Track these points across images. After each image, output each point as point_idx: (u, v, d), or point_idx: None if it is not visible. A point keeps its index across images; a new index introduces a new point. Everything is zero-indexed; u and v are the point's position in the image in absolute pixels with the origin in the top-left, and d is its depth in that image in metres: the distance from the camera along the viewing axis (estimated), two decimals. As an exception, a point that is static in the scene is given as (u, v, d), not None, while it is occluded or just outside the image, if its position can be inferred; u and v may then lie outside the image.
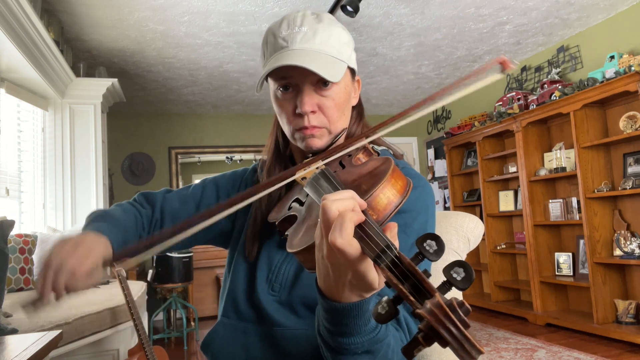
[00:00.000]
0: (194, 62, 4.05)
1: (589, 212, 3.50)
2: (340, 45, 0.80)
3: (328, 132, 0.81)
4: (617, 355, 3.02)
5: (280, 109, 0.82)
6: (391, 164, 0.65)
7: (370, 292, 0.55)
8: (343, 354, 0.60)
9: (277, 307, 0.81)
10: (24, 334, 1.30)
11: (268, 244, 0.87)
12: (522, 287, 4.32)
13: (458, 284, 0.43)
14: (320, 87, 0.78)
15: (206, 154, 5.69)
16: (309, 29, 0.77)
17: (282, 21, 0.79)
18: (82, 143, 3.60)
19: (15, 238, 2.81)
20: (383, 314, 0.45)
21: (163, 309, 4.14)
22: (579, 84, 3.55)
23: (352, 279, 0.53)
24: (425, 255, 0.47)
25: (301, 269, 0.82)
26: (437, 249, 0.46)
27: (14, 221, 1.84)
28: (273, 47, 0.79)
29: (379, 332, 0.61)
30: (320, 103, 0.79)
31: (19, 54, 2.66)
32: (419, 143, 6.51)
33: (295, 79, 0.77)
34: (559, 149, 3.96)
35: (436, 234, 0.47)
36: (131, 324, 2.24)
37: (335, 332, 0.59)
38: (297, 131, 0.80)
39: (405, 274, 0.46)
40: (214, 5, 3.06)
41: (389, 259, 0.47)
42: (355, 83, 0.88)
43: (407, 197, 0.64)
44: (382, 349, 0.62)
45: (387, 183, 0.62)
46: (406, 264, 0.46)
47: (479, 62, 4.53)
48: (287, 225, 0.74)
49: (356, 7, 2.97)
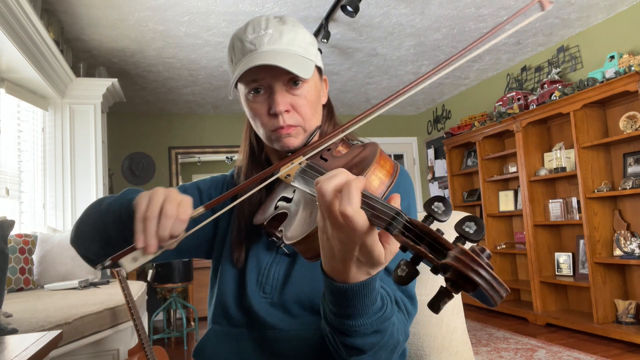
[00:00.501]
0: (194, 62, 4.05)
1: (589, 212, 3.50)
2: (306, 45, 0.82)
3: (303, 130, 0.82)
4: (617, 355, 3.02)
5: (253, 113, 0.82)
6: (377, 147, 0.68)
7: (377, 268, 0.56)
8: (353, 336, 0.61)
9: (270, 310, 0.81)
10: (24, 334, 1.30)
11: (255, 247, 0.87)
12: (522, 287, 4.32)
13: (471, 237, 0.44)
14: (291, 86, 0.80)
15: (206, 154, 5.69)
16: (274, 31, 0.79)
17: (247, 26, 0.81)
18: (82, 143, 3.60)
19: (15, 238, 2.81)
20: (403, 275, 0.46)
21: (163, 309, 4.14)
22: (579, 84, 3.55)
23: (359, 254, 0.53)
24: (434, 216, 0.48)
25: (291, 269, 0.82)
26: (445, 209, 0.48)
27: (14, 221, 1.84)
28: (241, 51, 0.80)
29: (385, 310, 0.62)
30: (293, 102, 0.80)
31: (19, 54, 2.66)
32: (419, 143, 6.51)
33: (267, 80, 0.79)
34: (559, 149, 3.96)
35: (443, 196, 0.49)
36: (131, 324, 2.24)
37: (344, 314, 0.60)
38: (272, 132, 0.81)
39: (420, 235, 0.47)
40: (214, 5, 3.07)
41: (401, 225, 0.49)
42: (322, 82, 0.90)
43: (396, 178, 0.66)
44: (389, 327, 0.64)
45: (377, 164, 0.65)
46: (420, 226, 0.47)
47: (479, 62, 4.53)
48: (276, 225, 0.74)
49: (356, 7, 2.97)
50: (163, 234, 0.64)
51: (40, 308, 2.04)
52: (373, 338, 0.62)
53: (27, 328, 1.72)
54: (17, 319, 1.78)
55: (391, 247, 0.54)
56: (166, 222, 0.64)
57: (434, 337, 1.00)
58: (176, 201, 0.67)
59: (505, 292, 0.40)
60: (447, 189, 5.69)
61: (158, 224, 0.64)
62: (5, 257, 1.65)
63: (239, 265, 0.86)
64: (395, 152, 6.55)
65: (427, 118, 6.30)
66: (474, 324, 4.10)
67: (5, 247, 1.65)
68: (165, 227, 0.64)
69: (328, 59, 4.20)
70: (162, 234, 0.64)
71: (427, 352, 1.00)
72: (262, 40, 0.78)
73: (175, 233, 0.65)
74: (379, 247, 0.52)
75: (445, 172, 5.67)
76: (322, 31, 3.43)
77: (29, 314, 1.90)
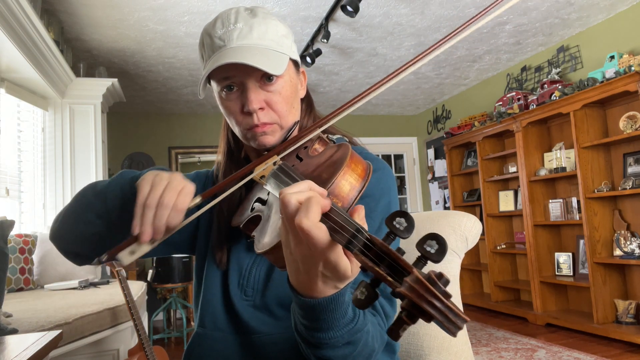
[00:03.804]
0: (194, 62, 4.05)
1: (589, 212, 3.50)
2: (278, 38, 0.78)
3: (280, 127, 0.79)
4: (617, 355, 3.02)
5: (227, 111, 0.79)
6: (348, 149, 0.65)
7: (345, 282, 0.53)
8: (323, 348, 0.59)
9: (253, 312, 0.79)
10: (24, 334, 1.30)
11: (236, 248, 0.84)
12: (522, 287, 4.32)
13: (433, 257, 0.42)
14: (264, 82, 0.76)
15: (206, 154, 5.69)
16: (244, 25, 0.75)
17: (216, 21, 0.77)
18: (82, 143, 3.60)
19: (15, 238, 2.81)
20: (363, 299, 0.44)
21: (163, 309, 4.14)
22: (579, 84, 3.55)
23: (324, 269, 0.51)
24: (396, 233, 0.45)
25: (272, 269, 0.80)
26: (407, 225, 0.45)
27: (14, 221, 1.84)
28: (210, 48, 0.77)
29: (357, 321, 0.60)
30: (267, 99, 0.77)
31: (19, 54, 2.66)
32: (419, 143, 6.50)
33: (239, 77, 0.75)
34: (559, 149, 3.96)
35: (405, 211, 0.46)
36: (131, 324, 2.25)
37: (313, 328, 0.57)
38: (248, 130, 0.78)
39: (380, 255, 0.45)
40: (214, 5, 3.07)
41: (360, 243, 0.46)
42: (300, 75, 0.86)
43: (368, 181, 0.63)
44: (362, 337, 0.61)
45: (347, 168, 0.62)
46: (379, 245, 0.45)
47: (479, 62, 4.53)
48: (253, 227, 0.72)
49: (356, 7, 2.97)
50: (159, 224, 0.63)
51: (40, 308, 2.04)
52: (345, 350, 0.60)
53: (27, 328, 1.72)
54: (17, 319, 1.78)
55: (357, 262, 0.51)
56: (163, 212, 0.63)
57: (433, 337, 1.00)
58: (177, 189, 0.65)
59: (462, 323, 0.38)
60: (447, 189, 5.69)
61: (154, 213, 0.63)
62: (5, 257, 1.65)
63: (222, 267, 0.84)
64: (395, 152, 6.55)
65: (427, 118, 6.30)
66: (474, 324, 4.10)
67: (5, 247, 1.65)
68: (161, 217, 0.63)
69: (328, 59, 4.21)
70: (157, 224, 0.63)
71: (426, 352, 0.99)
72: (232, 35, 0.75)
73: (171, 224, 0.64)
74: (344, 262, 0.50)
75: (445, 172, 5.67)
76: (322, 31, 3.43)
77: (29, 314, 1.90)
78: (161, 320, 5.02)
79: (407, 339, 1.02)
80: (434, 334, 1.00)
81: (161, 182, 0.66)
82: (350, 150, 0.64)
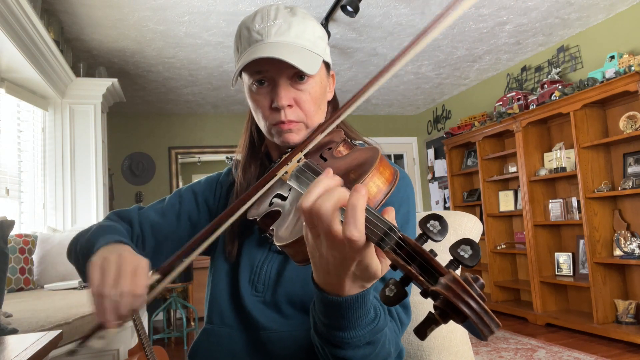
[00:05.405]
0: (194, 62, 4.05)
1: (589, 212, 3.50)
2: (315, 39, 0.78)
3: (305, 126, 0.79)
4: (617, 355, 3.02)
5: (255, 104, 0.80)
6: (378, 152, 0.65)
7: (372, 282, 0.54)
8: (345, 348, 0.59)
9: (262, 309, 0.79)
10: (24, 334, 1.30)
11: (248, 243, 0.85)
12: (522, 287, 4.32)
13: (466, 262, 0.42)
14: (296, 80, 0.77)
15: (206, 154, 5.69)
16: (283, 22, 0.76)
17: (256, 15, 0.78)
18: (82, 143, 3.60)
19: (15, 238, 2.81)
20: (391, 296, 0.45)
21: (163, 309, 4.14)
22: (579, 84, 3.55)
23: (355, 269, 0.51)
24: (429, 235, 0.45)
25: (283, 267, 0.80)
26: (440, 228, 0.45)
27: (14, 221, 1.83)
28: (247, 40, 0.77)
29: (379, 321, 0.60)
30: (296, 97, 0.77)
31: (19, 54, 2.66)
32: (419, 143, 6.50)
33: (271, 72, 0.76)
34: (559, 149, 3.96)
35: (440, 215, 0.46)
36: (131, 324, 2.24)
37: (336, 326, 0.57)
38: (273, 126, 0.79)
39: (412, 254, 0.45)
40: (214, 5, 3.07)
41: (393, 241, 0.46)
42: (330, 77, 0.87)
43: (395, 186, 0.63)
44: (381, 338, 0.62)
45: (376, 171, 0.61)
46: (412, 245, 0.45)
47: (479, 62, 4.53)
48: (269, 222, 0.72)
49: (356, 7, 2.97)
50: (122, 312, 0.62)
51: (40, 308, 2.04)
52: (365, 350, 0.60)
53: (27, 328, 1.72)
54: (17, 319, 1.78)
55: (387, 261, 0.51)
56: (122, 300, 0.61)
57: (434, 337, 1.00)
58: (130, 272, 0.63)
59: (496, 327, 0.38)
60: (447, 189, 5.69)
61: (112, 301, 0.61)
62: (5, 257, 1.65)
63: (231, 259, 0.85)
64: (395, 152, 6.54)
65: (427, 118, 6.30)
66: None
67: (5, 247, 1.65)
68: (121, 306, 0.61)
69: (328, 59, 4.20)
70: (119, 313, 0.62)
71: (427, 352, 0.99)
72: (270, 30, 0.75)
73: (134, 307, 0.63)
74: (376, 262, 0.50)
75: (445, 172, 5.67)
76: (322, 31, 3.43)
77: (29, 314, 1.90)
78: (161, 320, 5.02)
79: (407, 339, 1.02)
80: (434, 334, 1.00)
81: (110, 268, 0.63)
82: (380, 153, 0.64)
